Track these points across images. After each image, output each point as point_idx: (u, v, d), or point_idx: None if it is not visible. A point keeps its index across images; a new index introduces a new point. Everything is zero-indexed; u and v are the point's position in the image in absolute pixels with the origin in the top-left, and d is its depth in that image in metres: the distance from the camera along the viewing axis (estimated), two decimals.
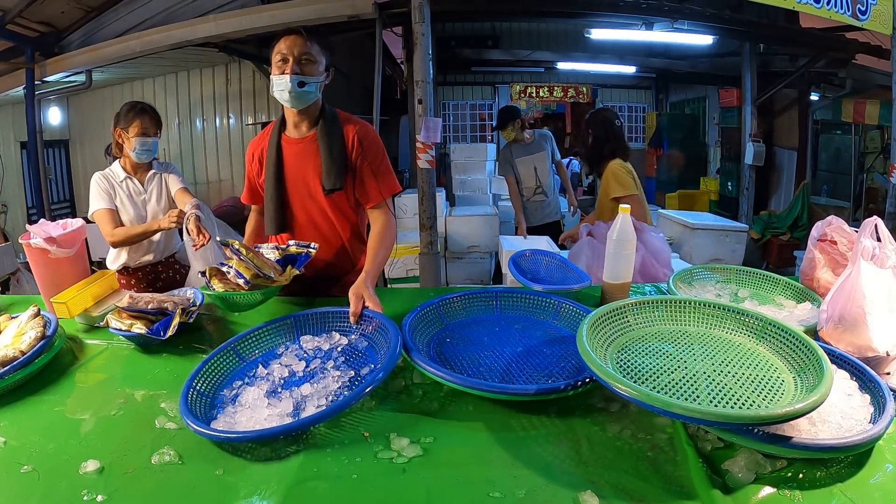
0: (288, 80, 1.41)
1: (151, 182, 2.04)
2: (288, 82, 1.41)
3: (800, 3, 3.80)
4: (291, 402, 0.93)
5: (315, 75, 1.45)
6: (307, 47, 1.43)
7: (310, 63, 1.44)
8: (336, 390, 0.98)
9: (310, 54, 1.44)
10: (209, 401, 0.98)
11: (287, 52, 1.42)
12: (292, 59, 1.42)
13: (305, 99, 1.46)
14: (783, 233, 6.00)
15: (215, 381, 1.04)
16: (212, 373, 1.05)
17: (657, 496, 0.71)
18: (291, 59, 1.42)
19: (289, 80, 1.41)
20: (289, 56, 1.42)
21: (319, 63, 1.46)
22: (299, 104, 1.47)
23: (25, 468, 0.80)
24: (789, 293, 1.39)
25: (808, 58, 5.78)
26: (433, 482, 0.75)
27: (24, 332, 1.13)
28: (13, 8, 4.23)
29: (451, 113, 9.20)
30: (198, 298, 1.40)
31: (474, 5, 5.18)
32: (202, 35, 4.45)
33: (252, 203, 1.70)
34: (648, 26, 5.24)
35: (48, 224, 1.47)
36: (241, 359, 1.12)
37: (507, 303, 1.30)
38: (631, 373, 0.85)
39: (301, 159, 1.53)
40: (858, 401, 0.86)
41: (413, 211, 3.96)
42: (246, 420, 0.90)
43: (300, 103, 1.47)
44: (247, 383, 1.03)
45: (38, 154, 5.16)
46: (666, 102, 9.46)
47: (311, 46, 1.44)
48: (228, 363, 1.10)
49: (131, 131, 1.94)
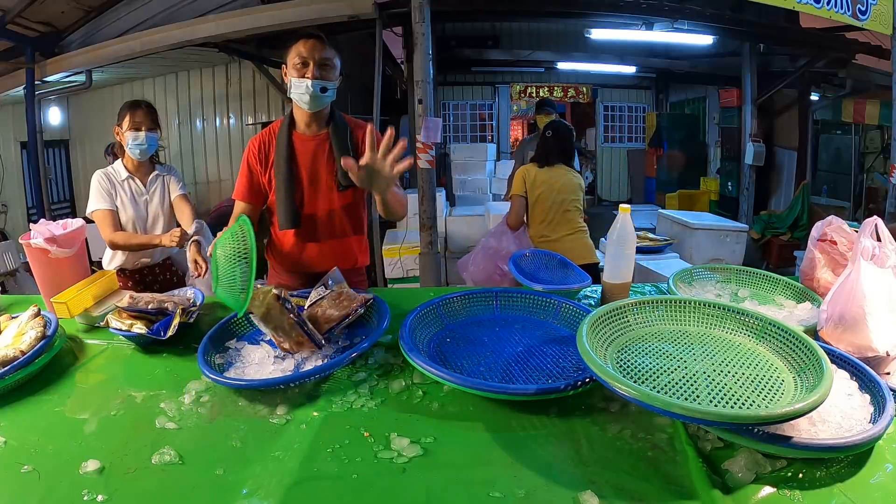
0: (309, 84, 1.46)
1: (154, 183, 2.02)
2: (310, 86, 1.46)
3: (800, 3, 3.80)
4: (293, 362, 1.07)
5: (334, 80, 1.50)
6: (327, 52, 1.46)
7: (329, 68, 1.48)
8: (331, 354, 1.10)
9: (329, 59, 1.47)
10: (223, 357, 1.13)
11: (307, 56, 1.45)
12: (313, 64, 1.45)
13: (323, 102, 1.52)
14: (783, 233, 6.00)
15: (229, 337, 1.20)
16: (227, 333, 1.21)
17: (657, 496, 0.71)
18: (312, 63, 1.45)
19: (310, 84, 1.46)
20: (309, 60, 1.45)
21: (336, 67, 1.51)
22: (317, 107, 1.52)
23: (25, 468, 0.80)
24: (789, 293, 1.39)
25: (808, 58, 5.78)
26: (433, 482, 0.75)
27: (25, 332, 1.13)
28: (13, 8, 4.23)
29: (451, 113, 9.19)
30: (198, 298, 1.40)
31: (474, 5, 5.18)
32: (202, 35, 4.45)
33: (247, 200, 1.61)
34: (648, 26, 5.24)
35: (49, 224, 1.47)
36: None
37: (507, 303, 1.30)
38: (631, 373, 0.85)
39: (314, 155, 1.58)
40: (858, 401, 0.86)
41: (413, 211, 3.97)
42: (254, 373, 1.04)
43: (317, 106, 1.52)
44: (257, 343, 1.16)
45: (38, 154, 5.16)
46: (666, 102, 9.47)
47: (330, 52, 1.48)
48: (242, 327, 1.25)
49: (124, 126, 1.93)
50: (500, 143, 8.95)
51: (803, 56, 5.93)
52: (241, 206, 1.62)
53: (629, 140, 9.63)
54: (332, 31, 4.53)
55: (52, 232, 1.42)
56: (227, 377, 1.01)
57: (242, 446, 0.85)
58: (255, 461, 0.81)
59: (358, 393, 0.99)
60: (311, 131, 1.58)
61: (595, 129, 9.73)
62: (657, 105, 9.45)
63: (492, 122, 9.27)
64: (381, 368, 1.07)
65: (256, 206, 1.63)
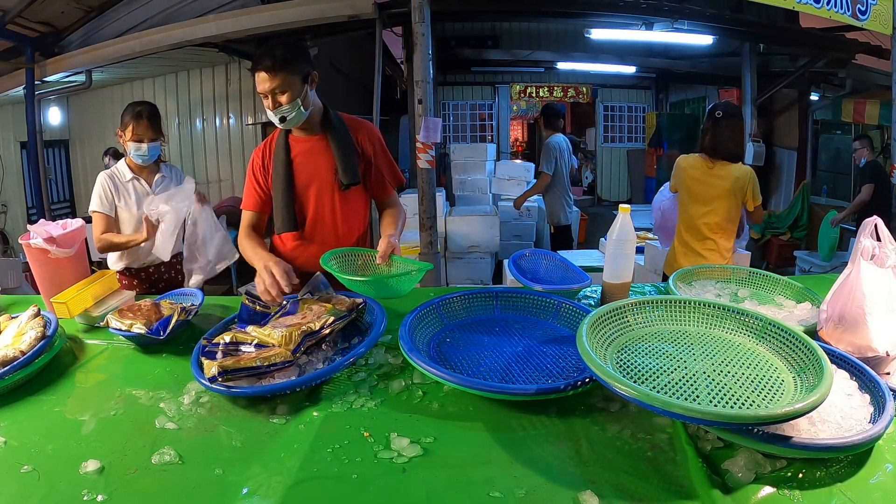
0: (273, 114, 1.48)
1: (160, 184, 2.03)
2: (274, 116, 1.48)
3: (800, 3, 3.80)
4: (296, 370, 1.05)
5: (293, 101, 1.46)
6: (275, 80, 1.43)
7: (283, 93, 1.45)
8: (331, 356, 1.10)
9: (280, 85, 1.44)
10: None
11: (261, 90, 1.45)
12: (270, 96, 1.45)
13: (293, 122, 1.51)
14: (783, 233, 6.00)
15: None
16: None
17: (657, 496, 0.71)
18: (270, 96, 1.45)
19: (273, 114, 1.48)
20: (267, 94, 1.45)
21: (294, 84, 1.46)
22: (290, 126, 1.54)
23: (25, 468, 0.80)
24: (789, 293, 1.39)
25: (808, 58, 5.78)
26: (433, 482, 0.75)
27: (25, 332, 1.13)
28: (13, 8, 4.23)
29: (451, 113, 9.19)
30: (197, 298, 1.40)
31: (474, 5, 5.18)
32: (202, 35, 4.44)
33: (257, 209, 1.62)
34: (648, 26, 5.23)
35: (48, 224, 1.47)
36: None
37: (507, 303, 1.30)
38: (631, 373, 0.85)
39: (312, 156, 1.58)
40: (858, 401, 0.86)
41: (413, 211, 3.97)
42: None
43: (290, 125, 1.53)
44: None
45: (38, 154, 5.15)
46: (666, 102, 9.46)
47: (278, 77, 1.43)
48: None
49: (126, 135, 1.94)
50: (500, 144, 8.94)
51: (803, 56, 5.92)
52: (249, 215, 1.63)
53: (629, 140, 9.64)
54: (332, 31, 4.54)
55: (50, 232, 1.42)
56: (219, 384, 0.96)
57: (242, 446, 0.85)
58: (255, 461, 0.81)
59: (358, 393, 0.99)
60: (306, 133, 1.59)
61: (595, 129, 9.74)
62: (657, 105, 9.45)
63: (492, 122, 9.26)
64: (381, 369, 1.07)
65: (264, 215, 1.65)
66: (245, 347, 1.07)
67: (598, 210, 8.56)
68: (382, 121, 4.55)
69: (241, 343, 1.08)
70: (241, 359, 1.01)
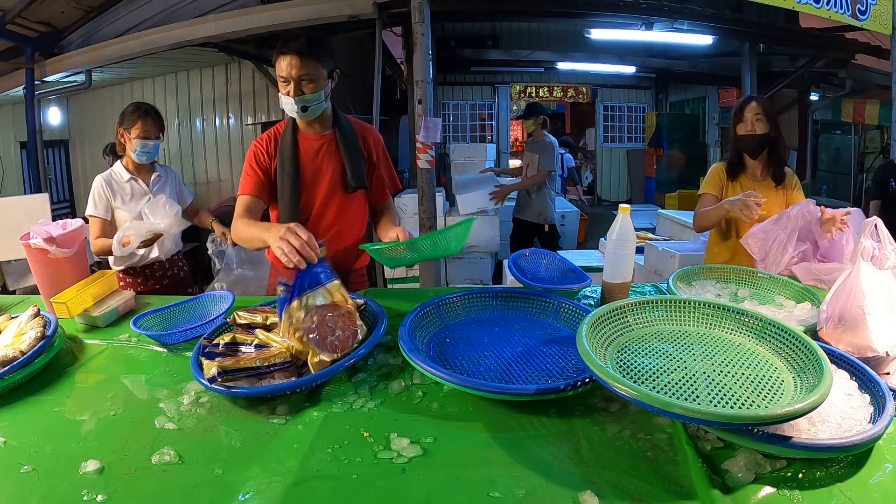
0: (292, 102, 1.44)
1: (157, 184, 2.05)
2: (293, 104, 1.45)
3: (800, 3, 3.80)
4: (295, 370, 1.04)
5: (317, 92, 1.45)
6: (305, 67, 1.41)
7: (310, 82, 1.44)
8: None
9: (308, 74, 1.43)
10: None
11: (286, 75, 1.42)
12: (293, 82, 1.42)
13: (313, 113, 1.50)
14: None
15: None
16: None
17: (657, 496, 0.71)
18: (292, 81, 1.42)
19: (293, 102, 1.44)
20: (289, 79, 1.42)
21: (321, 77, 1.46)
22: (308, 118, 1.52)
23: (25, 468, 0.80)
24: (789, 293, 1.39)
25: (808, 58, 5.78)
26: (433, 482, 0.75)
27: (24, 332, 1.13)
28: (13, 8, 4.23)
29: (451, 113, 9.20)
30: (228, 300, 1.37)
31: (474, 5, 5.18)
32: (202, 35, 4.44)
33: (255, 193, 1.54)
34: (648, 26, 5.24)
35: (48, 224, 1.47)
36: None
37: (507, 303, 1.30)
38: (631, 373, 0.85)
39: (320, 155, 1.58)
40: (858, 401, 0.86)
41: (413, 211, 3.96)
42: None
43: (308, 117, 1.51)
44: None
45: (38, 154, 5.15)
46: (666, 102, 9.47)
47: (309, 65, 1.42)
48: None
49: (133, 132, 1.96)
50: (499, 143, 8.95)
51: (803, 56, 5.93)
52: (246, 199, 1.54)
53: (629, 140, 9.65)
54: (332, 31, 4.53)
55: (50, 232, 1.42)
56: (218, 385, 0.96)
57: (242, 446, 0.85)
58: (254, 461, 0.81)
59: (358, 393, 0.99)
60: (315, 132, 1.59)
61: (595, 129, 9.74)
62: (657, 105, 9.46)
63: (491, 123, 9.27)
64: (381, 369, 1.07)
65: (261, 201, 1.57)
66: (245, 348, 1.07)
67: (598, 210, 8.57)
68: (382, 121, 4.55)
69: (241, 343, 1.08)
70: (240, 359, 1.02)
